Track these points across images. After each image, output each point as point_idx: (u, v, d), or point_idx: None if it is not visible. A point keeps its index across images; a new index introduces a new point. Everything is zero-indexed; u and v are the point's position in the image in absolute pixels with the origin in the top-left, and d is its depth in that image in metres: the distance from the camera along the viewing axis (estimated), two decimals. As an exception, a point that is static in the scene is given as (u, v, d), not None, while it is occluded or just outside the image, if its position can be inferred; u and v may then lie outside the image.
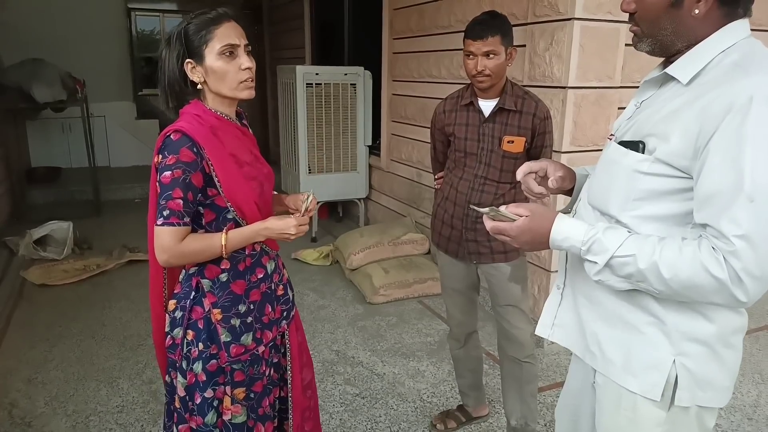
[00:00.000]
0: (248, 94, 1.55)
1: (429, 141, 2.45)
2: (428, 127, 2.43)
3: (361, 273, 4.10)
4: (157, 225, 1.48)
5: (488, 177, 2.13)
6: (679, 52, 1.11)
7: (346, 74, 5.10)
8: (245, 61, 1.52)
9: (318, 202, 1.71)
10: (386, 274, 3.98)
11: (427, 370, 3.06)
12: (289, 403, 1.81)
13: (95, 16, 7.78)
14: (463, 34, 2.09)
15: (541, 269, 3.26)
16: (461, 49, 2.12)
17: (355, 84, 5.13)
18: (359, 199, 5.48)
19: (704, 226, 1.01)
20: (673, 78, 1.11)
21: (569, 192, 1.42)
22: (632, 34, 1.17)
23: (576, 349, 1.32)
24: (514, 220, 1.19)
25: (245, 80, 1.53)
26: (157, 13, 8.98)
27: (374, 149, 5.37)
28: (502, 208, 1.21)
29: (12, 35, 6.78)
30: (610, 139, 1.22)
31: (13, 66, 5.96)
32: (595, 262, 1.10)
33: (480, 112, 2.14)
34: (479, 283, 2.36)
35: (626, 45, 2.97)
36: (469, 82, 2.21)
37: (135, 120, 8.33)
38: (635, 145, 1.11)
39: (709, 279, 0.98)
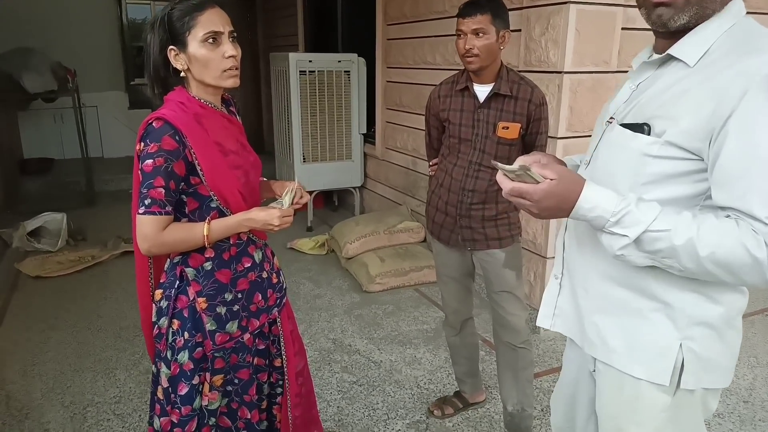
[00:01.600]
0: (232, 82, 1.53)
1: (424, 128, 2.43)
2: (423, 115, 2.41)
3: (357, 262, 4.10)
4: (138, 214, 1.47)
5: (483, 163, 2.12)
6: (688, 29, 1.08)
7: (339, 61, 5.06)
8: (229, 49, 1.48)
9: (312, 192, 1.69)
10: (382, 262, 3.98)
11: (424, 358, 3.07)
12: (287, 384, 1.81)
13: (85, 5, 7.68)
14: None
15: (537, 256, 3.26)
16: (455, 35, 2.10)
17: (349, 71, 5.10)
18: (354, 188, 5.47)
19: (729, 209, 0.99)
20: (673, 59, 1.09)
21: None
22: (661, 8, 1.07)
23: (576, 338, 1.32)
24: (539, 182, 1.08)
25: (229, 68, 1.50)
26: (148, 2, 8.89)
27: (369, 137, 5.34)
28: (533, 168, 1.09)
29: (2, 24, 6.70)
30: (611, 122, 1.18)
31: (2, 55, 5.90)
32: (625, 236, 1.03)
33: (475, 97, 2.12)
34: (474, 270, 2.36)
35: (623, 29, 2.95)
36: (463, 68, 2.19)
37: (127, 110, 8.26)
38: (640, 128, 1.09)
39: (747, 258, 0.96)
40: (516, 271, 2.23)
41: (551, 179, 1.07)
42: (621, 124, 1.14)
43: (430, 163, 2.41)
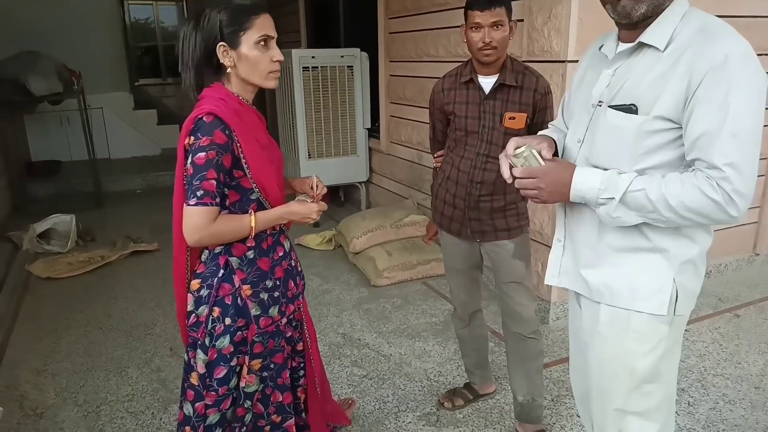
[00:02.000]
0: (274, 84, 1.64)
1: (428, 122, 2.43)
2: (427, 108, 2.40)
3: (365, 256, 4.11)
4: (189, 205, 1.51)
5: (490, 155, 2.11)
6: (650, 18, 1.27)
7: (342, 56, 5.06)
8: (277, 54, 1.60)
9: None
10: (389, 256, 3.99)
11: (433, 350, 3.08)
12: (312, 363, 1.94)
13: (88, 6, 7.72)
14: (459, 10, 2.06)
15: (544, 246, 3.26)
16: (458, 26, 2.09)
17: (352, 66, 5.09)
18: (360, 183, 5.47)
19: (695, 161, 1.22)
20: (644, 46, 1.29)
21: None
22: (624, 0, 1.26)
23: (583, 291, 1.50)
24: (542, 164, 1.36)
25: (274, 71, 1.61)
26: (150, 2, 8.91)
27: (373, 132, 5.34)
28: (536, 150, 1.37)
29: (5, 27, 6.74)
30: (600, 106, 1.37)
31: (8, 59, 5.92)
32: (612, 198, 1.28)
33: (480, 89, 2.11)
34: (482, 261, 2.36)
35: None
36: (466, 59, 2.18)
37: (133, 110, 8.29)
38: (628, 108, 1.30)
39: (707, 201, 1.19)
40: (525, 262, 2.22)
41: (552, 161, 1.38)
42: (611, 106, 1.33)
43: (435, 156, 2.41)
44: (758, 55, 1.21)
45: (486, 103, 2.11)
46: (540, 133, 1.61)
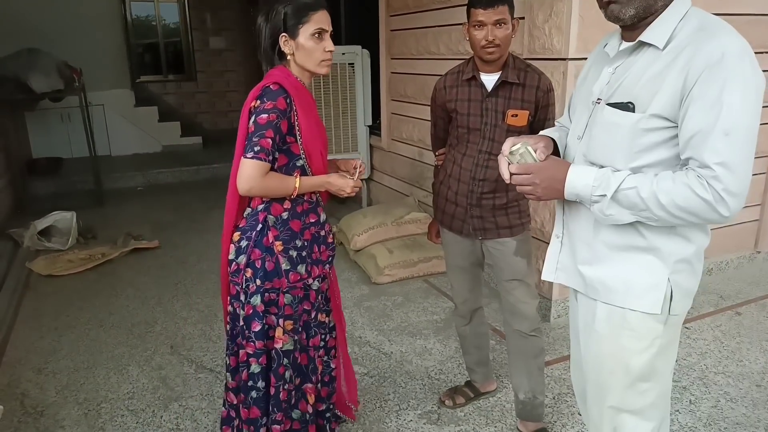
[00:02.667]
0: (326, 71, 1.87)
1: (430, 119, 2.42)
2: (429, 105, 2.40)
3: (366, 254, 4.10)
4: (246, 157, 1.73)
5: (493, 152, 2.11)
6: (650, 17, 1.28)
7: (343, 54, 5.04)
8: (329, 45, 1.81)
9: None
10: (391, 254, 3.98)
11: (434, 348, 3.07)
12: (335, 328, 2.18)
13: (89, 4, 7.70)
14: (461, 8, 2.05)
15: (545, 244, 3.25)
16: (460, 24, 2.08)
17: (353, 63, 5.08)
18: (361, 180, 5.45)
19: (688, 159, 1.22)
20: (644, 45, 1.30)
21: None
22: (612, 5, 1.29)
23: (579, 287, 1.51)
24: (537, 161, 1.38)
25: (326, 60, 1.83)
26: (151, -1, 8.89)
27: (374, 129, 5.33)
28: (531, 146, 1.39)
29: (6, 25, 6.73)
30: (599, 103, 1.38)
31: (9, 56, 5.91)
32: (604, 195, 1.29)
33: (482, 86, 2.11)
34: (484, 259, 2.35)
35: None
36: (468, 57, 2.18)
37: (134, 107, 8.29)
38: (625, 106, 1.30)
39: (697, 200, 1.19)
40: (526, 259, 2.22)
41: (546, 158, 1.40)
42: (608, 104, 1.34)
43: (437, 153, 2.40)
44: (759, 53, 1.22)
45: (488, 100, 2.11)
46: (543, 132, 1.61)
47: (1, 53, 6.02)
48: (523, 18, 3.10)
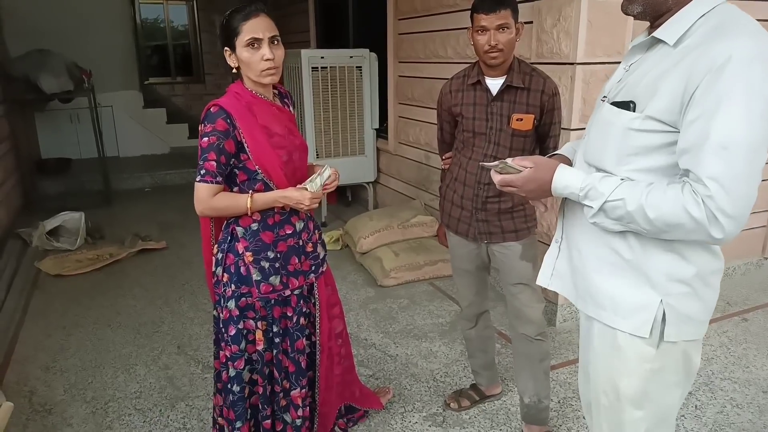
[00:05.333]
0: (270, 80, 1.81)
1: (436, 123, 2.43)
2: (435, 109, 2.41)
3: (372, 256, 4.11)
4: (195, 181, 1.78)
5: (498, 156, 2.11)
6: (666, 14, 1.20)
7: (351, 57, 5.07)
8: (267, 53, 1.75)
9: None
10: (396, 257, 3.99)
11: (440, 351, 3.08)
12: (318, 346, 2.12)
13: (99, 5, 7.75)
14: (467, 12, 2.06)
15: (551, 248, 3.25)
16: (467, 28, 2.09)
17: (360, 67, 5.10)
18: (368, 183, 5.48)
19: (687, 171, 1.12)
20: (660, 41, 1.20)
21: None
22: (624, 0, 1.26)
23: (570, 297, 1.45)
24: (520, 171, 1.32)
25: (266, 69, 1.77)
26: (161, 1, 8.95)
27: (381, 132, 5.35)
28: (509, 161, 1.34)
29: (17, 26, 6.78)
30: (603, 101, 1.31)
31: (20, 57, 5.97)
32: (591, 207, 1.23)
33: (487, 90, 2.12)
34: (490, 263, 2.36)
35: (635, 18, 2.92)
36: (474, 61, 2.19)
37: (142, 109, 8.33)
38: (626, 105, 1.21)
39: (688, 218, 1.10)
40: (532, 263, 2.22)
41: (529, 167, 1.31)
42: (611, 102, 1.26)
43: (444, 157, 2.41)
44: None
45: (493, 104, 2.11)
46: (564, 147, 1.55)
47: (12, 54, 6.08)
48: (531, 22, 3.10)
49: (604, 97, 1.32)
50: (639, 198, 1.15)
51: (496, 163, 1.35)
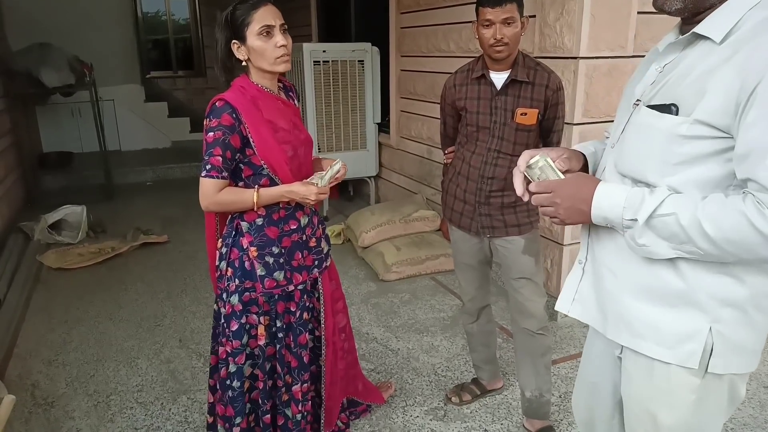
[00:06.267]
0: (284, 67, 1.80)
1: (439, 117, 2.43)
2: (438, 103, 2.40)
3: (373, 251, 4.11)
4: (201, 176, 1.77)
5: (502, 150, 2.11)
6: (709, 9, 1.07)
7: (353, 51, 5.05)
8: (280, 39, 1.76)
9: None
10: (398, 251, 3.99)
11: (441, 345, 3.08)
12: (323, 341, 2.12)
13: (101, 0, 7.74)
14: (471, 5, 2.05)
15: (553, 243, 3.25)
16: (470, 22, 2.08)
17: (362, 61, 5.08)
18: (369, 178, 5.47)
19: (746, 181, 0.99)
20: (700, 38, 1.08)
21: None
22: None
23: (596, 324, 1.30)
24: (561, 176, 1.19)
25: (281, 56, 1.78)
26: (162, -6, 8.92)
27: (383, 127, 5.34)
28: (549, 159, 1.21)
29: (18, 20, 6.77)
30: (637, 105, 1.17)
31: (21, 51, 5.96)
32: (635, 219, 1.07)
33: (492, 84, 2.11)
34: (492, 257, 2.36)
35: (639, 13, 2.91)
36: (478, 55, 2.18)
37: (143, 103, 8.32)
38: (667, 108, 1.08)
39: (752, 232, 0.96)
40: (534, 258, 2.22)
41: (571, 174, 1.19)
42: (648, 106, 1.12)
43: (446, 152, 2.41)
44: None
45: (497, 98, 2.11)
46: (581, 144, 1.39)
47: (13, 48, 6.07)
48: (534, 16, 3.09)
49: (638, 100, 1.18)
50: (694, 210, 1.00)
51: (537, 158, 1.19)
